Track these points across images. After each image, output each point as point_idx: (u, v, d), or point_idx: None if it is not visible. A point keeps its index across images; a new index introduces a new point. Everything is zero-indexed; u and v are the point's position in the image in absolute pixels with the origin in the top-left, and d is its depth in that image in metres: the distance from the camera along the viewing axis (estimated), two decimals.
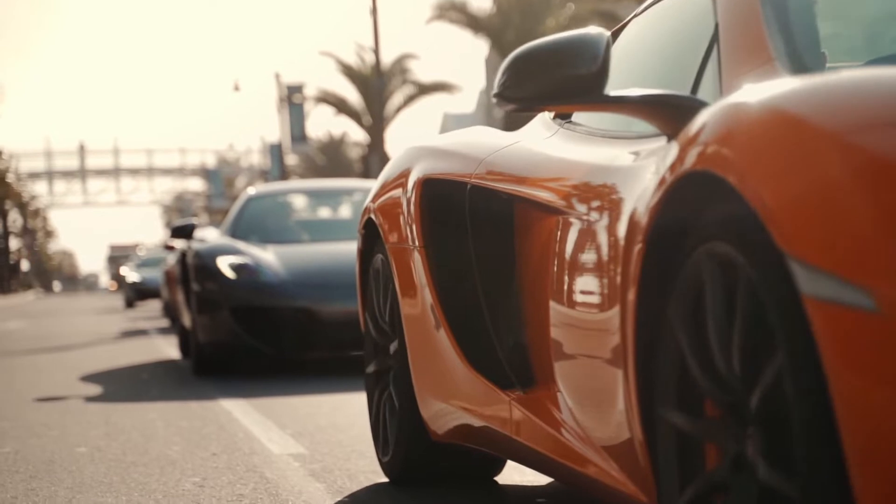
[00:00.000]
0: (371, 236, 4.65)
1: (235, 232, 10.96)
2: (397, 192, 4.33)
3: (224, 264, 9.80)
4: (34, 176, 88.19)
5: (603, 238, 2.90)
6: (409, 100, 49.86)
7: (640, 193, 2.64)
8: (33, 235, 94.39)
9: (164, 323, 21.42)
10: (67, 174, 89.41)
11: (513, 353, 3.65)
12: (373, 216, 4.53)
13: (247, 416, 6.95)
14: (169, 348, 14.08)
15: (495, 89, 3.00)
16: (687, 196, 2.38)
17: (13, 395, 9.03)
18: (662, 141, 2.87)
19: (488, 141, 4.08)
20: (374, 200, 4.57)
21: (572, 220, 3.17)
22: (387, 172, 4.61)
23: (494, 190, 3.78)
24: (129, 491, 4.70)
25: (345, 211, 11.96)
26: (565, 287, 3.14)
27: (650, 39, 3.69)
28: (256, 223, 11.20)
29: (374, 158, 38.72)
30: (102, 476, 5.07)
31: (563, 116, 3.86)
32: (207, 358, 9.91)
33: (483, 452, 4.07)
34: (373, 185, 5.09)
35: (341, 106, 51.53)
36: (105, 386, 9.46)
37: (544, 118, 4.02)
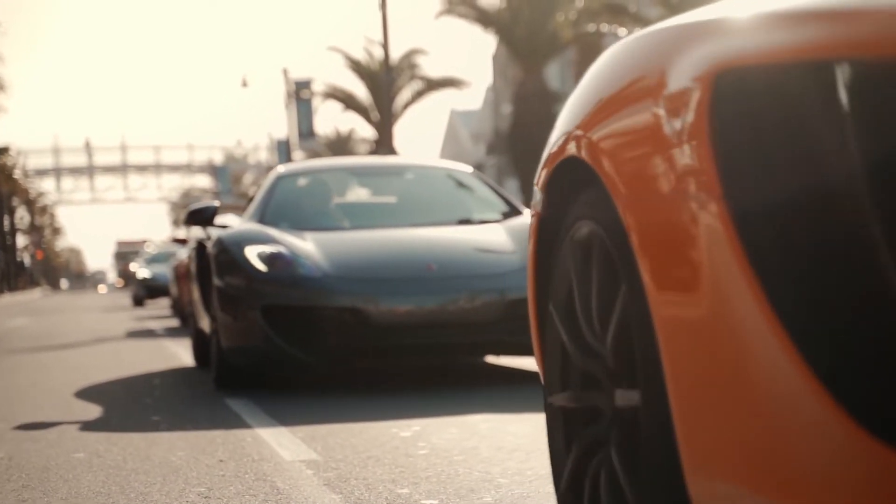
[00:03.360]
0: (563, 194, 2.72)
1: (263, 217, 9.05)
2: (648, 104, 2.21)
3: (253, 254, 8.01)
4: (42, 173, 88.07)
5: None
6: (418, 95, 49.50)
7: None
8: (41, 232, 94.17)
9: (174, 322, 20.87)
10: (75, 171, 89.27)
11: None
12: (583, 155, 2.47)
13: (254, 418, 6.59)
14: (177, 348, 13.71)
15: None
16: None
17: (12, 394, 8.67)
18: None
19: None
20: (585, 128, 2.48)
21: None
22: (610, 71, 2.48)
23: None
24: (129, 502, 4.34)
25: (392, 192, 9.96)
26: None
27: None
28: (289, 206, 9.27)
29: (381, 154, 38.40)
30: (101, 485, 4.72)
31: None
32: (232, 368, 8.14)
33: None
34: (430, 161, 4.08)
35: (349, 101, 51.20)
36: (107, 387, 9.10)
37: None
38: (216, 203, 9.33)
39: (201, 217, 9.09)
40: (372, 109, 50.60)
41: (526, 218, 8.67)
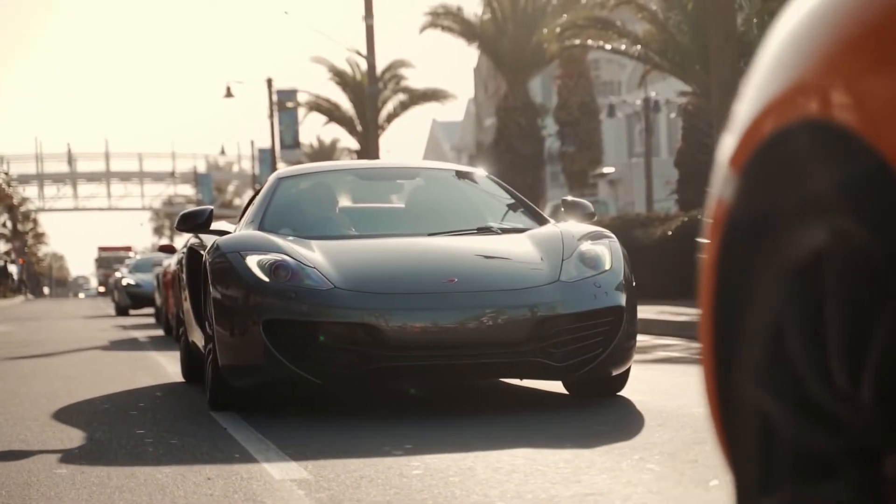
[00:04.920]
0: (783, 178, 1.67)
1: (263, 223, 8.27)
2: None
3: (254, 263, 7.23)
4: (24, 180, 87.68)
5: None
6: (402, 107, 49.41)
7: None
8: (23, 239, 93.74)
9: (159, 332, 20.50)
10: (58, 179, 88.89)
11: None
12: (836, 116, 1.50)
13: (241, 433, 6.43)
14: (161, 359, 13.53)
15: None
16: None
17: None
18: None
19: None
20: (834, 75, 1.51)
21: None
22: None
23: None
24: None
25: (402, 198, 9.23)
26: None
27: None
28: (290, 212, 8.52)
29: None
30: (84, 503, 4.56)
31: None
32: (230, 388, 7.41)
33: None
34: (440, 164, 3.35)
35: (333, 113, 51.06)
36: (90, 398, 8.93)
37: None
38: (211, 207, 8.78)
39: (195, 222, 8.44)
40: (356, 121, 50.45)
41: (553, 227, 8.02)
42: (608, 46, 26.94)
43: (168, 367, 11.70)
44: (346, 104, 50.74)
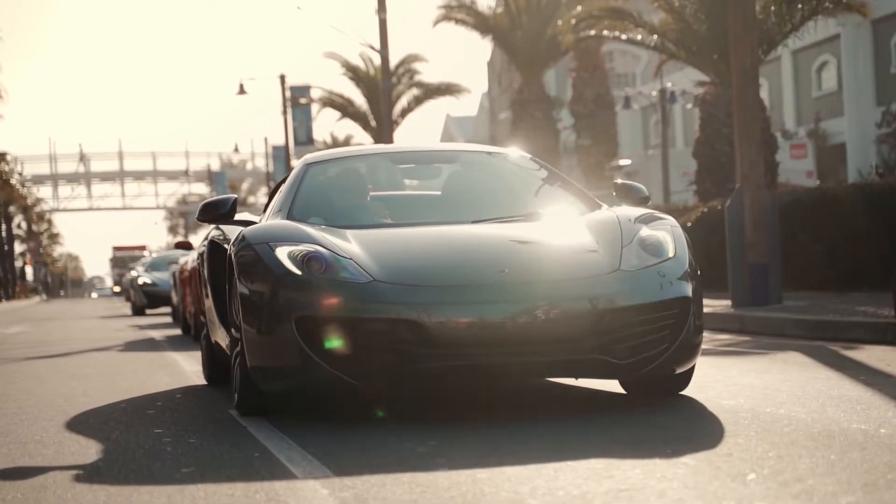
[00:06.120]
0: None
1: (291, 212, 7.65)
2: None
3: (284, 255, 6.58)
4: (38, 180, 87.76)
5: None
6: (416, 102, 49.26)
7: None
8: (38, 239, 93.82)
9: (176, 331, 20.20)
10: (72, 179, 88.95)
11: None
12: None
13: (261, 432, 6.28)
14: (178, 358, 13.41)
15: None
16: None
17: (8, 406, 8.37)
18: None
19: None
20: None
21: None
22: None
23: None
24: None
25: (441, 182, 8.41)
26: None
27: None
28: (320, 199, 7.86)
29: None
30: None
31: None
32: (259, 391, 6.81)
33: None
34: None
35: (347, 108, 50.93)
36: (108, 398, 8.79)
37: None
38: (235, 196, 8.07)
39: (218, 212, 7.78)
40: (370, 116, 50.32)
41: (607, 211, 7.41)
42: (624, 37, 26.71)
43: (186, 366, 11.57)
44: (359, 99, 50.63)
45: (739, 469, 4.62)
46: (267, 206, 8.41)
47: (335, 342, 6.28)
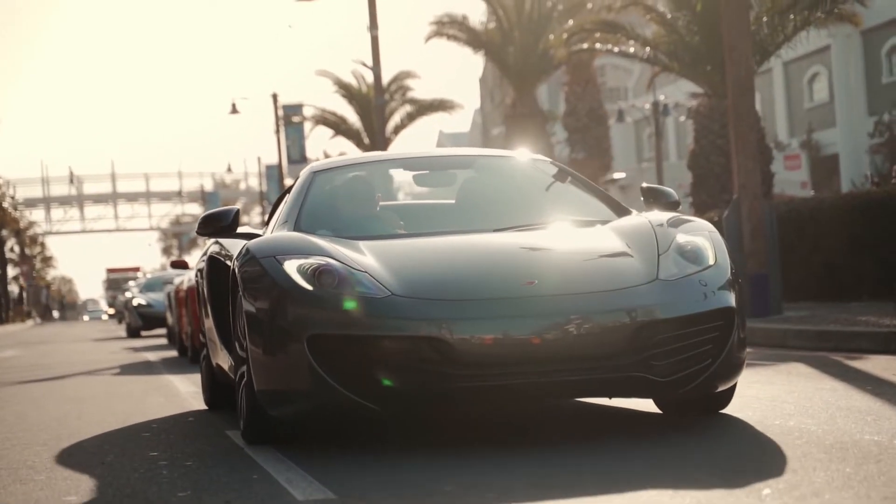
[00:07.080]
0: None
1: (298, 223, 7.12)
2: None
3: (293, 269, 6.06)
4: (31, 203, 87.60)
5: None
6: (409, 119, 49.17)
7: None
8: (31, 263, 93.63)
9: (172, 353, 19.89)
10: (64, 201, 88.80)
11: None
12: None
13: (259, 454, 6.12)
14: (173, 379, 13.25)
15: None
16: None
17: (0, 431, 8.21)
18: None
19: None
20: None
21: None
22: None
23: None
24: None
25: (457, 190, 7.86)
26: None
27: None
28: (328, 209, 7.34)
29: None
30: None
31: None
32: (267, 417, 6.26)
33: None
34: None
35: (340, 126, 50.81)
36: (102, 421, 8.64)
37: None
38: (237, 207, 7.64)
39: (219, 224, 7.28)
40: (363, 133, 50.22)
41: (638, 217, 6.92)
42: (616, 49, 26.64)
43: (182, 388, 11.41)
44: (352, 117, 50.49)
45: (753, 484, 4.49)
46: (269, 219, 8.05)
47: (350, 363, 5.77)
